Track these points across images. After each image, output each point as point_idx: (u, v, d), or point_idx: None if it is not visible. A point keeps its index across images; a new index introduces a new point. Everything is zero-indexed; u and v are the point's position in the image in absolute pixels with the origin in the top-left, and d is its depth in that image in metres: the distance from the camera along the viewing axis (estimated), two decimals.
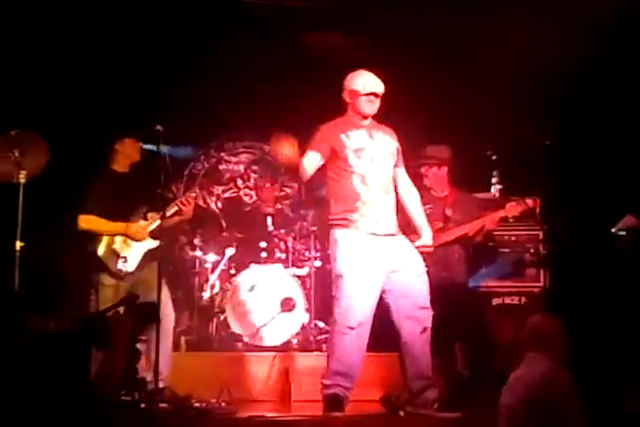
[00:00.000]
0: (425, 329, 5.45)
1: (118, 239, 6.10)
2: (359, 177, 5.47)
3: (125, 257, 6.05)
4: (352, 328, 5.35)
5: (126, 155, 6.25)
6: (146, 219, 6.21)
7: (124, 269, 6.02)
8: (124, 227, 6.08)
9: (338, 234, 5.49)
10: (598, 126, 7.50)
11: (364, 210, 5.45)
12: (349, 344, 5.37)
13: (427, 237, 5.66)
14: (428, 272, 5.82)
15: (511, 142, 7.49)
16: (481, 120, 7.59)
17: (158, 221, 6.13)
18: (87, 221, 6.09)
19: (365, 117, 5.62)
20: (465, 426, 5.24)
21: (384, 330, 5.60)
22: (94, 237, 6.12)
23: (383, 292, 5.46)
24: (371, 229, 5.44)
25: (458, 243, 6.48)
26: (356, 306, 5.34)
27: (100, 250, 6.08)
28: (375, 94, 5.55)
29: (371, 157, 5.51)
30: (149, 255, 6.16)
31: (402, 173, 5.72)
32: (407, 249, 5.56)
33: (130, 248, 6.10)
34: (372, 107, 5.57)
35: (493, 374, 6.27)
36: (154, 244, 6.19)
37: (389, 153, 5.60)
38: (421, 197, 6.16)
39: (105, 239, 6.12)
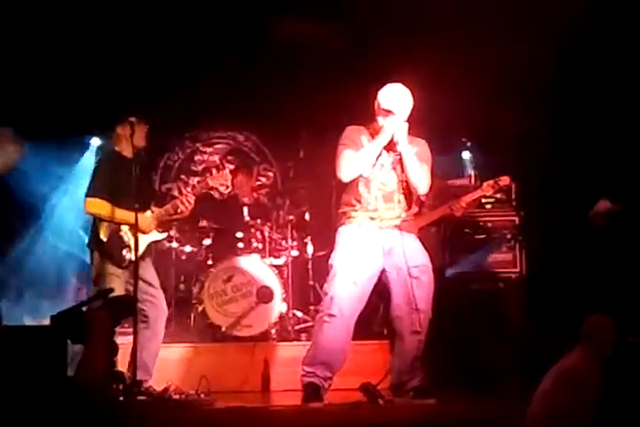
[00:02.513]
0: (416, 332, 5.53)
1: (125, 228, 5.83)
2: (364, 180, 5.58)
3: (130, 246, 5.78)
4: (332, 315, 5.45)
5: (129, 139, 5.83)
6: (150, 210, 6.01)
7: (127, 258, 5.79)
8: (132, 216, 5.61)
9: (340, 230, 5.65)
10: (573, 113, 7.51)
11: (364, 211, 5.57)
12: (330, 332, 5.47)
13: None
14: None
15: (486, 129, 7.52)
16: (455, 109, 7.59)
17: (162, 216, 6.02)
18: (95, 206, 5.82)
19: None
20: (442, 413, 5.26)
21: (360, 318, 5.65)
22: (99, 223, 5.84)
23: (388, 289, 5.57)
24: (369, 224, 5.57)
25: (435, 226, 6.52)
26: (338, 294, 5.46)
27: (105, 237, 5.82)
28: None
29: (382, 163, 5.62)
30: (149, 249, 6.01)
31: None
32: (406, 243, 5.59)
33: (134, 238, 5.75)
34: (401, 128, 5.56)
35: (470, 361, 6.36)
36: (156, 237, 6.05)
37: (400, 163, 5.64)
38: None
39: (110, 226, 5.83)
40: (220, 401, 5.56)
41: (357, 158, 5.54)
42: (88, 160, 8.29)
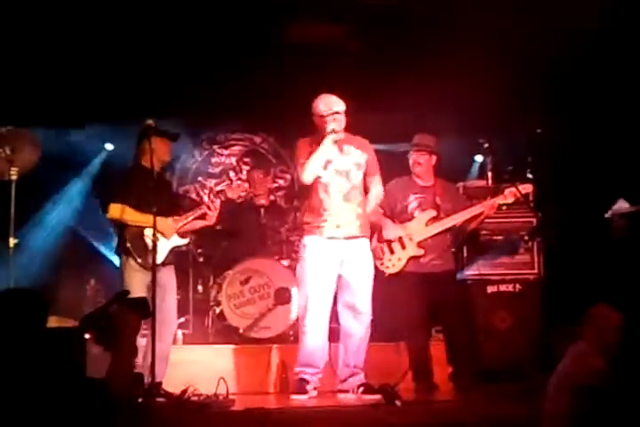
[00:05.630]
0: (363, 331, 6.00)
1: (148, 232, 5.86)
2: (323, 186, 5.97)
3: (154, 251, 5.76)
4: (309, 324, 5.95)
5: (156, 154, 5.97)
6: (173, 219, 6.05)
7: (150, 261, 5.80)
8: (154, 219, 5.72)
9: (305, 240, 6.04)
10: (591, 113, 7.50)
11: (326, 216, 5.96)
12: (309, 338, 5.95)
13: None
14: (420, 261, 6.34)
15: (503, 131, 7.50)
16: (473, 109, 7.58)
17: (185, 221, 6.08)
18: (118, 211, 5.90)
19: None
20: (459, 413, 5.26)
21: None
22: (126, 228, 5.94)
23: (337, 290, 6.00)
24: (331, 233, 5.95)
25: (450, 231, 6.51)
26: (310, 305, 5.93)
27: (129, 241, 5.92)
28: (337, 112, 5.96)
29: (335, 168, 5.98)
30: (172, 255, 6.07)
31: (375, 181, 6.15)
32: (361, 253, 6.03)
33: (158, 242, 5.79)
34: (337, 124, 5.94)
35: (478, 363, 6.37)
36: (177, 242, 6.10)
37: (356, 165, 6.05)
38: (410, 186, 6.33)
39: (134, 231, 5.93)
40: (239, 403, 5.57)
41: (311, 161, 5.91)
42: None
